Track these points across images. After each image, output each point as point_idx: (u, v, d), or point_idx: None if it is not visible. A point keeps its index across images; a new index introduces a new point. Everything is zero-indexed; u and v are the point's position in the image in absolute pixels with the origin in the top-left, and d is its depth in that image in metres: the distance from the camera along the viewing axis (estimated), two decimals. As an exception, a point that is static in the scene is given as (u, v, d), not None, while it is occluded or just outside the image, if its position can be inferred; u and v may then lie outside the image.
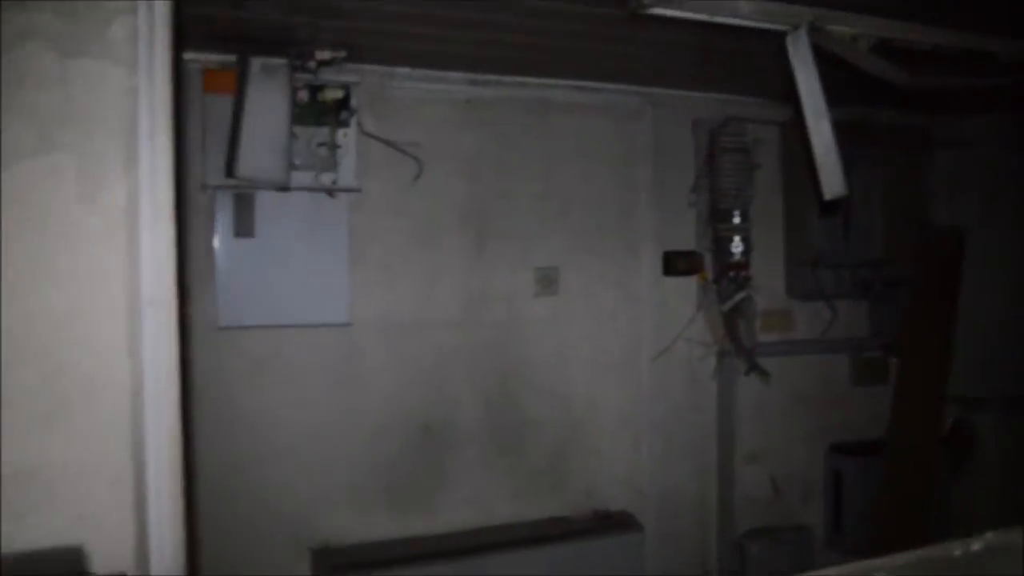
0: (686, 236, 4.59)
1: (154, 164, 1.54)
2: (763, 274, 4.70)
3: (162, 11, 1.59)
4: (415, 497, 4.05)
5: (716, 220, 4.55)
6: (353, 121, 3.77)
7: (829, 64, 2.97)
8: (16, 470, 1.46)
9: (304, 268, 3.79)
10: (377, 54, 3.72)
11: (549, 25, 3.29)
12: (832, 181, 2.80)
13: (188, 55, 3.54)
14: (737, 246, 4.52)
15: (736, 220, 4.53)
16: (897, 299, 5.00)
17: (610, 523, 4.28)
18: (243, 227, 3.67)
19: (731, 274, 4.52)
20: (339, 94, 3.70)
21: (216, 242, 3.67)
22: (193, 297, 3.57)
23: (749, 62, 3.85)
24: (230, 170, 3.38)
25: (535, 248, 4.27)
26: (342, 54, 3.52)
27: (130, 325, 1.52)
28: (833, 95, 2.87)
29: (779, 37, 2.94)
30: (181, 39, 3.39)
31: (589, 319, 4.38)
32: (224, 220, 3.67)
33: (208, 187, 3.60)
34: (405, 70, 3.94)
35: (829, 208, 4.04)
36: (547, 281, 4.27)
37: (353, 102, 3.75)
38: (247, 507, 3.71)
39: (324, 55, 3.49)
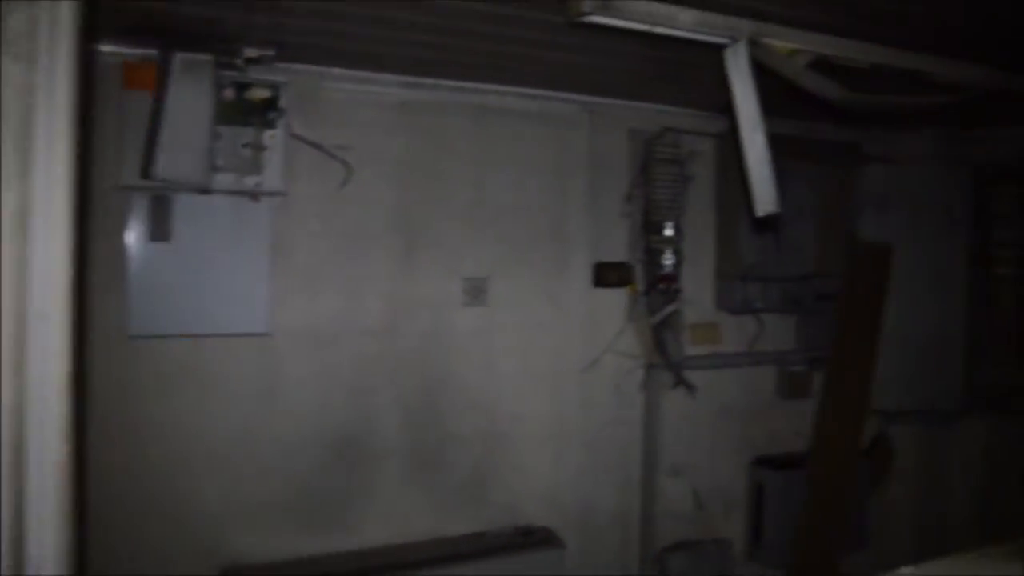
0: (618, 247, 4.55)
1: (51, 168, 1.40)
2: (694, 287, 4.69)
3: (68, 3, 1.45)
4: (332, 513, 3.91)
5: (649, 231, 4.52)
6: (281, 122, 3.60)
7: (767, 77, 2.96)
8: None
9: (223, 275, 3.62)
10: (309, 53, 3.58)
11: (485, 29, 3.20)
12: (764, 197, 2.77)
13: (106, 47, 3.34)
14: (668, 258, 4.50)
15: (668, 232, 4.51)
16: (825, 313, 5.05)
17: (531, 539, 4.21)
18: (159, 231, 3.49)
19: (661, 286, 4.49)
20: (267, 93, 3.55)
21: (129, 247, 3.47)
22: (99, 305, 3.37)
23: (687, 73, 3.83)
24: (147, 171, 3.19)
25: (465, 257, 4.17)
26: (271, 52, 3.37)
27: (16, 340, 1.38)
28: (770, 108, 2.84)
29: (718, 49, 2.92)
30: (96, 30, 3.22)
31: (517, 330, 4.30)
32: (139, 223, 3.48)
33: (123, 188, 3.39)
34: (338, 71, 3.80)
35: (761, 224, 4.04)
36: (476, 291, 4.18)
37: (282, 102, 3.58)
38: (155, 524, 3.51)
39: (252, 52, 3.33)
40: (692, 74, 3.81)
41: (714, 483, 4.94)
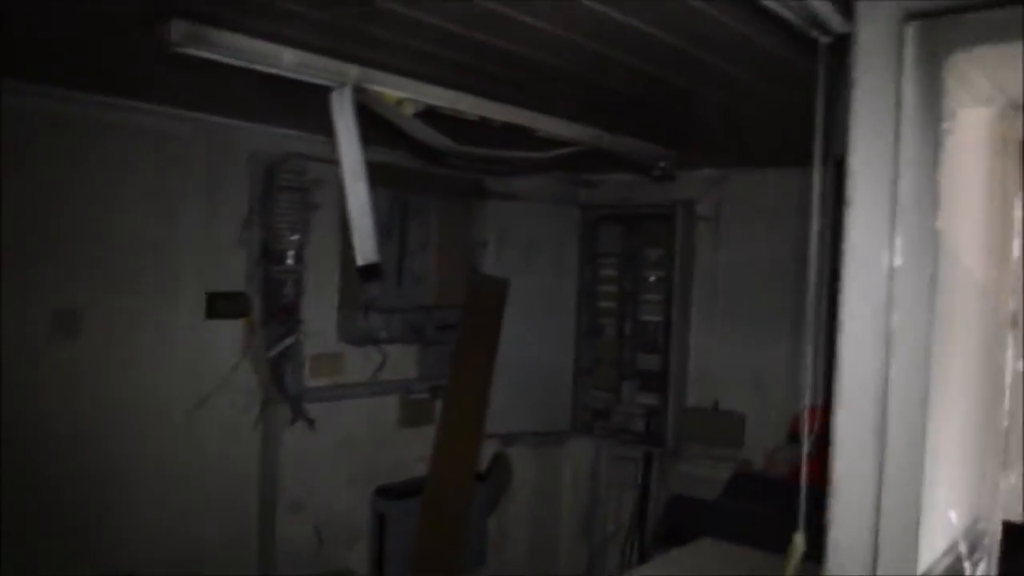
0: (236, 276, 4.31)
1: None
2: (316, 318, 4.59)
3: None
4: None
5: (269, 261, 4.34)
6: None
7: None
8: None
9: None
10: None
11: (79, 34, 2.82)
12: (365, 247, 2.74)
13: None
14: (289, 289, 4.36)
15: (290, 262, 4.37)
16: (446, 343, 5.19)
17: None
18: None
19: (281, 318, 4.34)
20: None
21: None
22: None
23: (311, 100, 3.70)
24: None
25: (56, 286, 3.70)
26: None
27: None
28: (395, 142, 2.82)
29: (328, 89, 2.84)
30: None
31: (118, 366, 3.91)
32: None
33: None
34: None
35: (367, 273, 4.01)
36: (67, 324, 3.73)
37: None
38: None
39: None
40: (316, 101, 3.70)
41: (337, 515, 4.87)
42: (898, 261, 1.69)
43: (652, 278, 5.53)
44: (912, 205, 1.68)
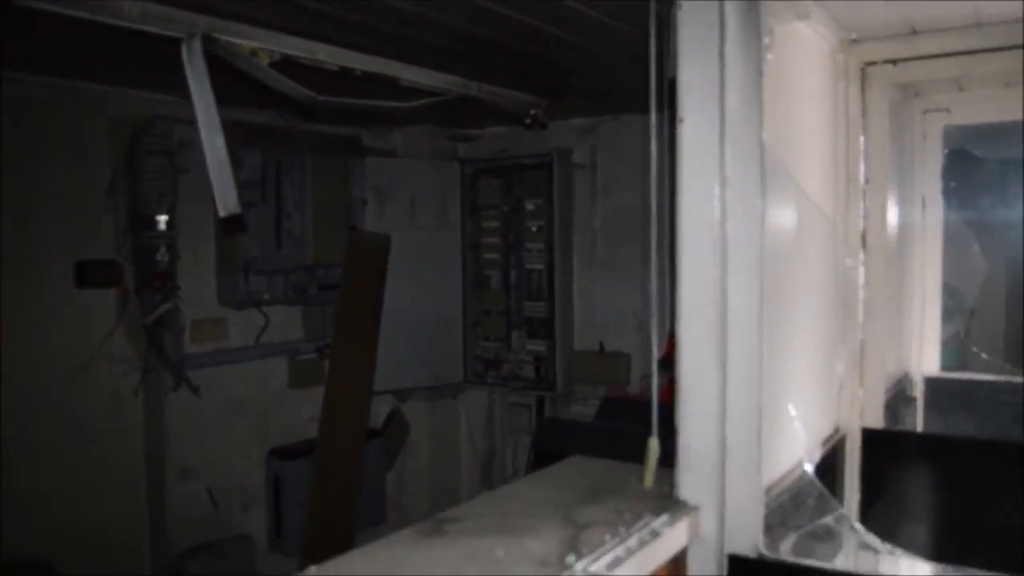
0: (106, 244, 4.21)
1: None
2: (193, 283, 4.52)
3: None
4: None
5: (139, 227, 4.25)
6: None
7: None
8: None
9: None
10: None
11: None
12: (226, 198, 2.72)
13: None
14: (163, 255, 4.28)
15: (161, 227, 4.28)
16: (330, 302, 5.18)
17: (21, 572, 3.76)
18: None
19: (156, 284, 4.26)
20: None
21: None
22: None
23: (169, 57, 3.61)
24: None
25: None
26: None
27: None
28: (264, 101, 2.79)
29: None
30: None
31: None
32: None
33: None
34: None
35: (231, 226, 3.97)
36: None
37: None
38: None
39: None
40: (176, 59, 3.60)
41: (230, 480, 4.85)
42: (729, 172, 1.78)
43: (534, 227, 5.61)
44: (739, 119, 1.77)
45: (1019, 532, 2.51)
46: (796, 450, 2.10)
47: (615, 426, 3.45)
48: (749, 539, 1.75)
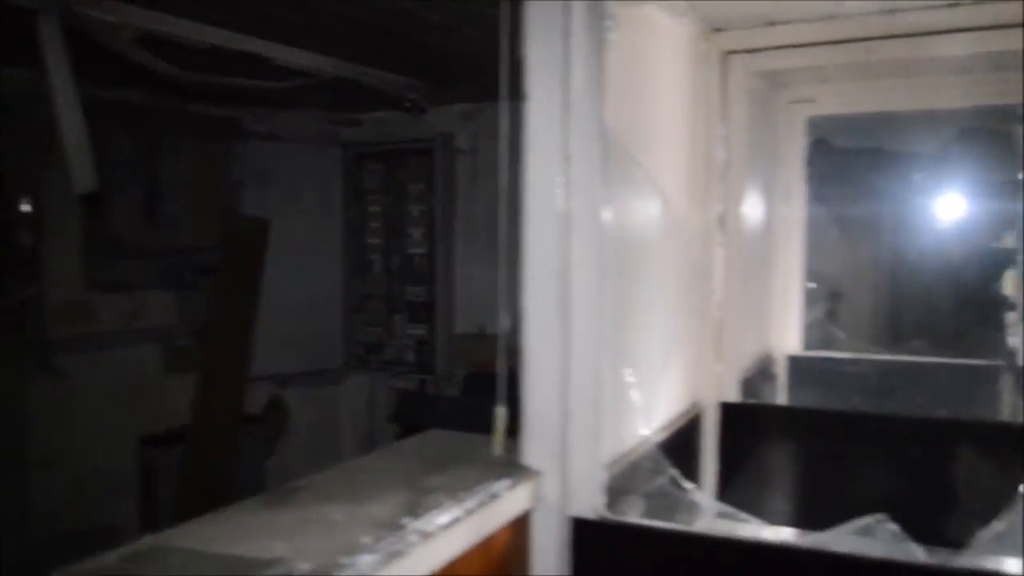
0: (-38, 225, 4.04)
1: None
2: (59, 265, 4.37)
3: None
4: None
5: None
6: None
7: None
8: None
9: None
10: None
11: None
12: (82, 175, 2.66)
13: None
14: (25, 237, 4.13)
15: (25, 208, 4.14)
16: (206, 287, 5.08)
17: None
18: None
19: (18, 266, 4.11)
20: None
21: None
22: None
23: (29, 32, 3.49)
24: None
25: None
26: None
27: None
28: (136, 80, 2.72)
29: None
30: None
31: None
32: None
33: None
34: None
35: (90, 203, 3.87)
36: None
37: None
38: None
39: None
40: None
41: (100, 469, 4.70)
42: (572, 148, 1.84)
43: (416, 212, 5.63)
44: (582, 98, 1.83)
45: (875, 499, 2.66)
46: (646, 421, 2.19)
47: (472, 399, 3.50)
48: (590, 502, 1.83)
